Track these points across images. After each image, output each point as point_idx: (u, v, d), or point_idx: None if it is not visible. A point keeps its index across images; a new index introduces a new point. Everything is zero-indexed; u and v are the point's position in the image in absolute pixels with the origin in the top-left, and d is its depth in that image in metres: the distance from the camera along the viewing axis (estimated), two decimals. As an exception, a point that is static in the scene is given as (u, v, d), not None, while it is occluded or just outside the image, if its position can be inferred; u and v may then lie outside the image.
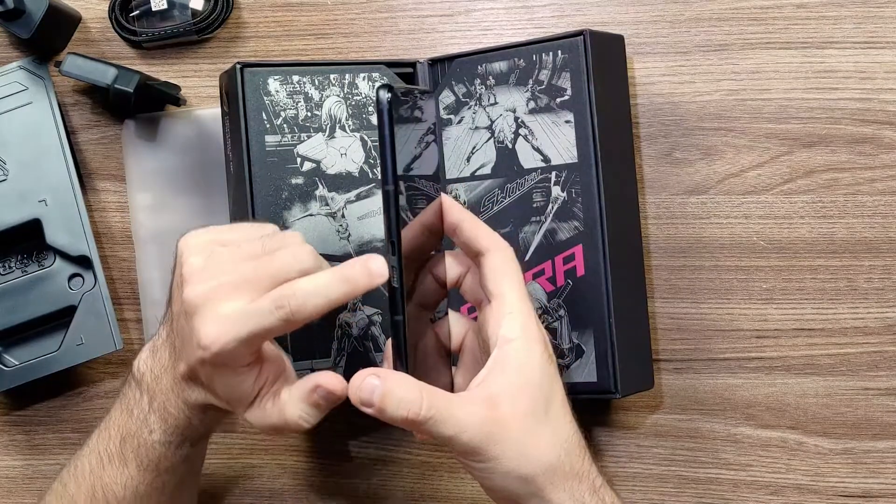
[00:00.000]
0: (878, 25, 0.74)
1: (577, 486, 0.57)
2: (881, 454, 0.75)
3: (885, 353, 0.75)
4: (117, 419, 0.62)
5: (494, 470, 0.56)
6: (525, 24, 0.78)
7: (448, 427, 0.54)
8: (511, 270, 0.58)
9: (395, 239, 0.54)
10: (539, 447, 0.56)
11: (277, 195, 0.71)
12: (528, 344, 0.57)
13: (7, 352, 0.79)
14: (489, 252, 0.58)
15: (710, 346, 0.76)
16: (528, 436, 0.56)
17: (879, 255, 0.74)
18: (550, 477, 0.56)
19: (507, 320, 0.57)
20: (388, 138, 0.54)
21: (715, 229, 0.76)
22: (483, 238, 0.59)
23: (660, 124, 0.76)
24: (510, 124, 0.72)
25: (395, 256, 0.54)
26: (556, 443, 0.57)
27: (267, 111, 0.71)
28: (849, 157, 0.75)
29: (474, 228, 0.59)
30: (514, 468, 0.55)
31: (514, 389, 0.56)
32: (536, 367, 0.57)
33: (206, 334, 0.54)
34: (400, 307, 0.55)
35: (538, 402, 0.56)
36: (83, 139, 0.81)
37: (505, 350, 0.56)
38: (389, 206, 0.54)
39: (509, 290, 0.58)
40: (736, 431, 0.76)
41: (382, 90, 0.53)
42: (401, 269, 0.54)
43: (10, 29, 0.78)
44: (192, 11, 0.79)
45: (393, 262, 0.54)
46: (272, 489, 0.81)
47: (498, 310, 0.57)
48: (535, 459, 0.56)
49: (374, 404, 0.54)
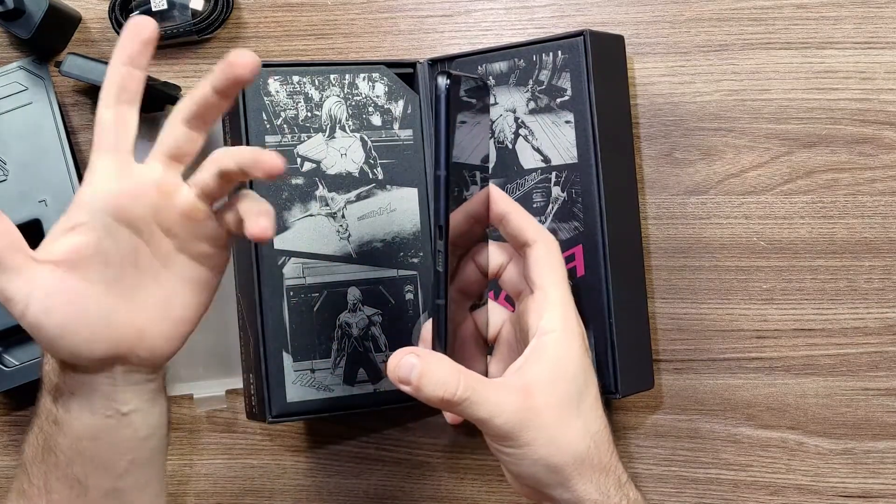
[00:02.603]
0: (878, 25, 0.74)
1: (603, 479, 0.57)
2: (881, 454, 0.75)
3: (885, 353, 0.75)
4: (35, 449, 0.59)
5: (525, 456, 0.56)
6: (525, 24, 0.78)
7: (483, 410, 0.54)
8: (556, 263, 0.59)
9: (442, 224, 0.55)
10: (570, 438, 0.56)
11: (277, 195, 0.71)
12: (567, 336, 0.57)
13: (7, 352, 0.79)
14: (535, 244, 0.58)
15: (710, 346, 0.76)
16: (560, 426, 0.56)
17: (879, 255, 0.74)
18: (579, 468, 0.57)
19: (548, 312, 0.57)
20: (443, 123, 0.54)
21: (715, 229, 0.76)
22: (530, 229, 0.59)
23: (660, 124, 0.76)
24: (510, 124, 0.72)
25: (443, 241, 0.55)
26: (587, 435, 0.57)
27: (267, 111, 0.71)
28: (849, 158, 0.75)
29: (521, 219, 0.59)
30: (544, 455, 0.56)
31: (550, 380, 0.56)
32: (574, 359, 0.57)
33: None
34: (443, 291, 0.55)
35: (572, 394, 0.57)
36: (83, 139, 0.81)
37: (544, 341, 0.57)
38: (440, 191, 0.54)
39: (552, 282, 0.58)
40: (736, 432, 0.76)
41: (441, 76, 0.54)
42: (447, 253, 0.55)
43: (10, 29, 0.78)
44: (192, 11, 0.79)
45: (440, 247, 0.55)
46: (272, 489, 0.81)
47: (540, 301, 0.58)
48: (565, 449, 0.56)
49: (411, 382, 0.54)
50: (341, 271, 0.72)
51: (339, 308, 0.72)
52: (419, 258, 0.74)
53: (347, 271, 0.72)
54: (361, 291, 0.72)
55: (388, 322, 0.73)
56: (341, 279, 0.72)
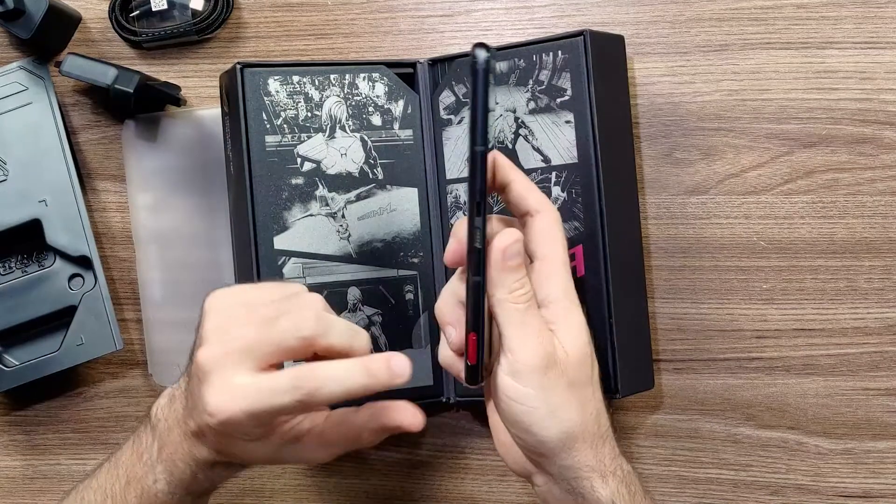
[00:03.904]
0: (878, 25, 0.74)
1: (601, 448, 0.58)
2: (881, 454, 0.75)
3: (885, 353, 0.75)
4: (127, 460, 0.62)
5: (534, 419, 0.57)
6: (525, 24, 0.78)
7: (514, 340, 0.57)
8: (559, 234, 0.59)
9: (479, 200, 0.54)
10: (578, 406, 0.57)
11: (277, 195, 0.71)
12: (570, 307, 0.58)
13: (7, 352, 0.79)
14: (539, 213, 0.58)
15: (710, 346, 0.76)
16: (573, 393, 0.57)
17: (879, 255, 0.74)
18: (583, 434, 0.57)
19: (552, 281, 0.58)
20: (481, 98, 0.53)
21: (715, 229, 0.76)
22: (533, 199, 0.59)
23: (660, 124, 0.76)
24: (510, 124, 0.72)
25: (480, 217, 0.54)
26: (593, 404, 0.58)
27: (267, 111, 0.71)
28: (849, 157, 0.75)
29: (525, 188, 0.59)
30: (555, 421, 0.57)
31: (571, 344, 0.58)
32: (584, 328, 0.59)
33: (215, 402, 0.54)
34: (481, 269, 0.55)
35: (588, 356, 0.58)
36: (83, 139, 0.81)
37: (554, 310, 0.58)
38: (476, 167, 0.54)
39: (554, 252, 0.58)
40: (736, 431, 0.76)
41: (480, 49, 0.53)
42: (484, 230, 0.54)
43: (10, 29, 0.77)
44: (192, 11, 0.79)
45: (478, 224, 0.54)
46: (272, 489, 0.81)
47: (543, 270, 0.58)
48: (576, 415, 0.57)
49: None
50: (341, 271, 0.72)
51: (339, 308, 0.72)
52: (419, 258, 0.74)
53: (347, 271, 0.72)
54: (361, 291, 0.72)
55: (388, 322, 0.73)
56: (341, 279, 0.72)
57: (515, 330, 0.56)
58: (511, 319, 0.56)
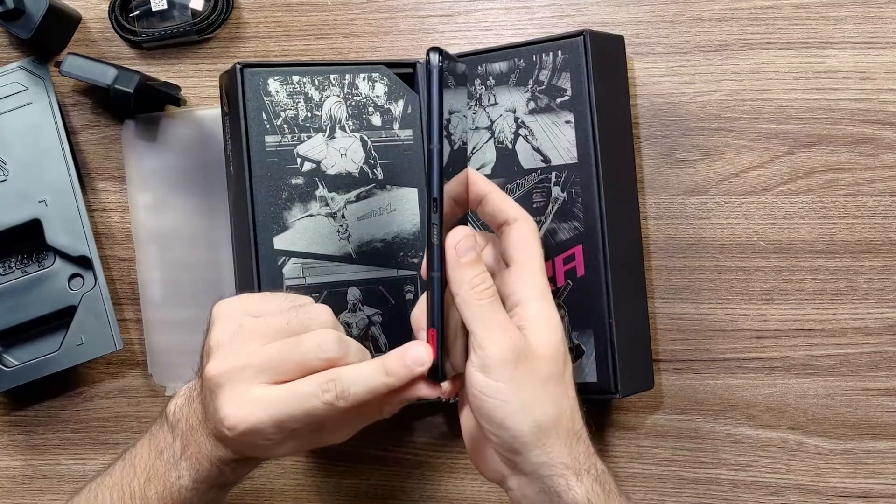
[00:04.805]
0: (878, 25, 0.74)
1: (575, 445, 0.59)
2: (881, 454, 0.75)
3: (885, 353, 0.75)
4: (144, 457, 0.63)
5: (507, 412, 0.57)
6: (525, 24, 0.78)
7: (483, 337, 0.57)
8: (535, 242, 0.61)
9: (437, 196, 0.56)
10: (551, 400, 0.58)
11: (277, 195, 0.71)
12: (543, 306, 0.59)
13: (7, 352, 0.79)
14: (516, 221, 0.61)
15: (710, 346, 0.76)
16: (545, 387, 0.58)
17: (879, 256, 0.74)
18: (556, 429, 0.58)
19: (528, 281, 0.59)
20: (435, 98, 0.56)
21: (715, 229, 0.76)
22: (510, 208, 0.61)
23: (660, 124, 0.76)
24: (510, 124, 0.72)
25: (437, 214, 0.56)
26: (566, 400, 0.59)
27: (267, 111, 0.71)
28: (849, 158, 0.75)
29: (501, 200, 0.61)
30: (528, 414, 0.57)
31: (543, 340, 0.58)
32: (559, 327, 0.59)
33: (232, 415, 0.56)
34: (438, 264, 0.57)
35: (562, 354, 0.59)
36: (83, 139, 0.81)
37: (529, 308, 0.59)
38: (433, 164, 0.56)
39: (529, 257, 0.60)
40: (736, 432, 0.76)
41: (433, 52, 0.55)
42: (441, 226, 0.56)
43: (10, 29, 0.77)
44: (192, 11, 0.79)
45: (435, 220, 0.56)
46: (272, 489, 0.81)
47: (518, 273, 0.60)
48: (549, 409, 0.58)
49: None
50: (341, 271, 0.72)
51: (339, 308, 0.72)
52: (419, 258, 0.74)
53: (347, 271, 0.72)
54: (361, 291, 0.72)
55: (388, 322, 0.73)
56: (341, 279, 0.72)
57: (481, 325, 0.57)
58: (475, 315, 0.57)
